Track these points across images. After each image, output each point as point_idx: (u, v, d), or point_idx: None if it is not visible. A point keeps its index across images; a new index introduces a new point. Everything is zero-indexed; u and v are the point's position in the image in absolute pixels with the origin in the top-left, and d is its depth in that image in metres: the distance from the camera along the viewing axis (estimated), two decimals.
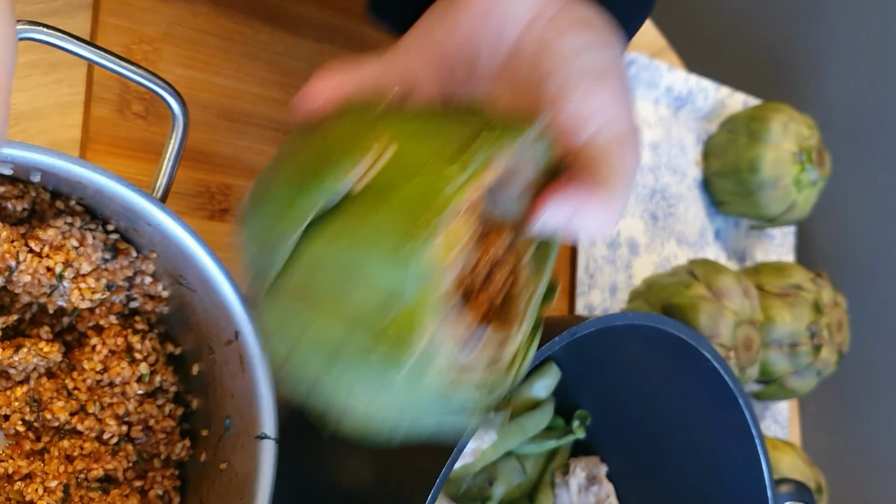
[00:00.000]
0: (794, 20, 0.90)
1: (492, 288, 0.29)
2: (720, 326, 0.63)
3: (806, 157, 0.74)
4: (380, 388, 0.27)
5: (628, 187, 0.32)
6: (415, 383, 0.26)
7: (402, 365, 0.26)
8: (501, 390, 0.29)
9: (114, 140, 0.44)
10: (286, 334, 0.28)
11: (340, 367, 0.27)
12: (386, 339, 0.25)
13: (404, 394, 0.27)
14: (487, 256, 0.28)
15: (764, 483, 0.47)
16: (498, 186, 0.29)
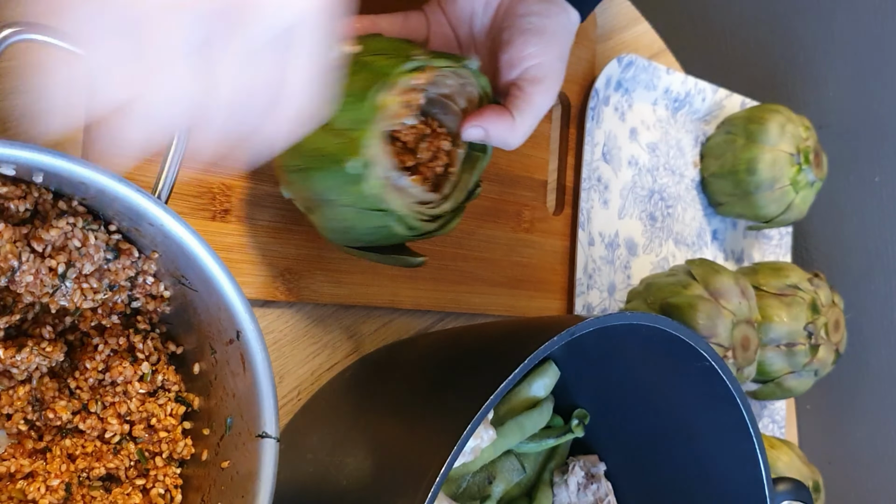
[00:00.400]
0: (791, 23, 0.90)
1: (431, 164, 0.45)
2: (718, 326, 0.64)
3: (803, 159, 0.74)
4: (340, 185, 0.41)
5: (535, 117, 0.46)
6: (360, 182, 0.41)
7: (353, 163, 0.40)
8: (427, 227, 0.44)
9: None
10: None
11: (317, 168, 0.41)
12: (345, 148, 0.40)
13: (355, 190, 0.41)
14: (433, 146, 0.45)
15: (762, 482, 0.47)
16: (445, 100, 0.45)
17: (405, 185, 0.43)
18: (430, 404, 0.42)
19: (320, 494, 0.42)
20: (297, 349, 0.53)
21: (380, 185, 0.41)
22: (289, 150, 0.42)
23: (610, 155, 0.71)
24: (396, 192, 0.42)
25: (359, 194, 0.41)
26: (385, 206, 0.42)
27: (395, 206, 0.42)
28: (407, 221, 0.43)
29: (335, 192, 0.42)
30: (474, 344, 0.48)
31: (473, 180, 0.47)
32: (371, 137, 0.41)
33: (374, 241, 0.44)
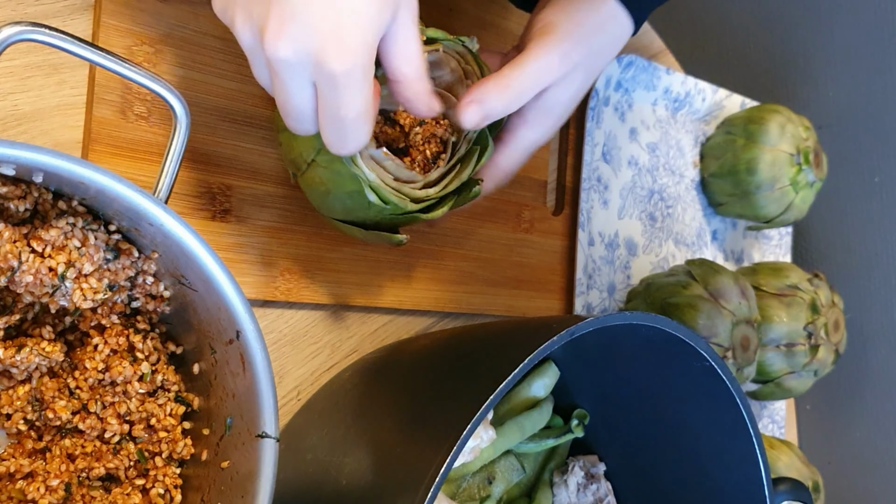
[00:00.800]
0: (791, 23, 0.90)
1: (422, 148, 0.46)
2: (718, 326, 0.64)
3: (803, 159, 0.74)
4: (319, 143, 0.42)
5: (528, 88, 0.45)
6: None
7: None
8: (406, 206, 0.45)
9: (116, 141, 0.44)
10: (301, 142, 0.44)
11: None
12: None
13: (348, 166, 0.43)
14: (427, 131, 0.46)
15: (761, 482, 0.47)
16: (447, 93, 0.46)
17: (378, 157, 0.44)
18: (429, 404, 0.42)
19: (320, 494, 0.42)
20: (296, 349, 0.53)
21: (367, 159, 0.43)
22: None
23: (610, 155, 0.71)
24: (371, 161, 0.43)
25: (334, 156, 0.42)
26: (357, 170, 0.42)
27: (367, 174, 0.43)
28: (380, 193, 0.44)
29: (315, 153, 0.43)
30: (474, 344, 0.48)
31: (468, 173, 0.47)
32: None
33: (352, 210, 0.45)
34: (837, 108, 0.87)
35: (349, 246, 0.53)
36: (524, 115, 0.48)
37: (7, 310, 0.39)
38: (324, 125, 0.38)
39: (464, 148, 0.47)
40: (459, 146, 0.47)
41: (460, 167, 0.47)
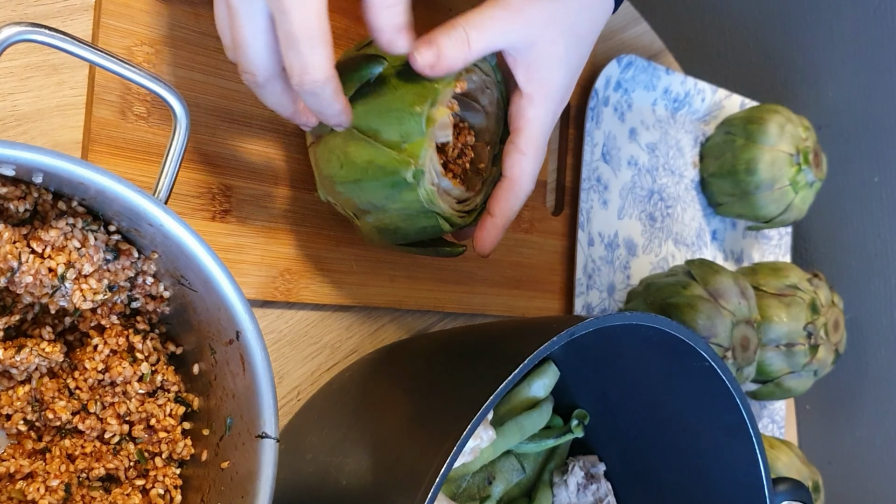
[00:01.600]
0: (790, 23, 0.90)
1: (461, 161, 0.47)
2: (717, 326, 0.64)
3: (802, 159, 0.74)
4: (392, 193, 0.44)
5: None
6: (414, 189, 0.43)
7: (409, 172, 0.43)
8: (465, 222, 0.47)
9: (116, 141, 0.44)
10: (333, 160, 0.45)
11: (370, 178, 0.44)
12: (401, 158, 0.43)
13: (407, 196, 0.44)
14: (458, 142, 0.47)
15: (761, 482, 0.47)
16: (467, 99, 0.47)
17: (448, 187, 0.46)
18: (429, 404, 0.42)
19: (320, 495, 0.42)
20: (296, 349, 0.53)
21: (432, 191, 0.44)
22: (335, 162, 0.45)
23: (609, 155, 0.71)
24: (443, 196, 0.45)
25: (412, 200, 0.44)
26: (435, 209, 0.44)
27: (442, 209, 0.45)
28: (451, 220, 0.46)
29: (387, 200, 0.44)
30: (474, 344, 0.48)
31: (497, 172, 0.49)
32: (426, 148, 0.43)
33: (419, 237, 0.47)
34: (837, 108, 0.87)
35: (349, 246, 0.53)
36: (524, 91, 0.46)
37: (7, 310, 0.39)
38: (284, 52, 0.38)
39: (497, 150, 0.48)
40: (492, 150, 0.48)
41: (494, 168, 0.49)
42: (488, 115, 0.48)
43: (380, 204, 0.44)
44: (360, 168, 0.44)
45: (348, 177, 0.44)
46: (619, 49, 0.73)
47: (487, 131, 0.48)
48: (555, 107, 0.47)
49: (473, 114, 0.48)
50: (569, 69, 0.46)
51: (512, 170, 0.46)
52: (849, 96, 0.87)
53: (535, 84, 0.46)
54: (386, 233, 0.46)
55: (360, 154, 0.43)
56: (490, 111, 0.48)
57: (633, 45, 0.75)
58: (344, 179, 0.45)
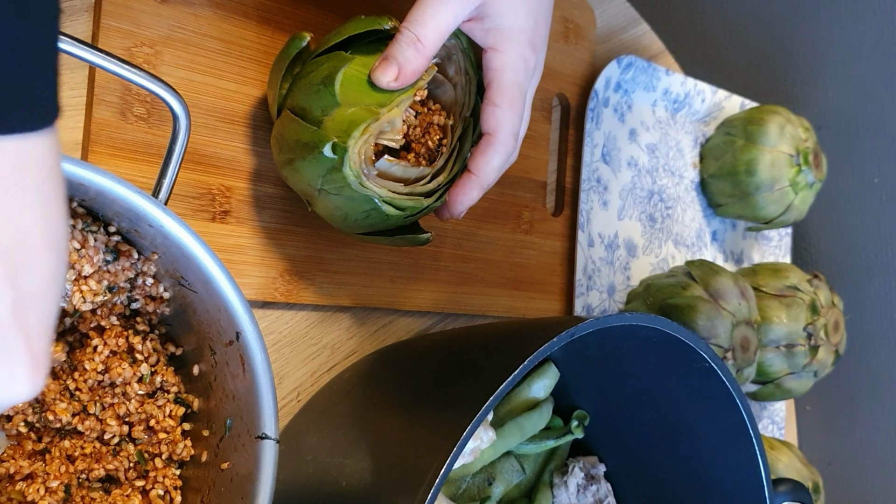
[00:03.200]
0: (790, 24, 0.90)
1: (424, 139, 0.46)
2: (717, 327, 0.64)
3: (802, 160, 0.74)
4: (322, 172, 0.43)
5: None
6: (340, 169, 0.42)
7: (327, 147, 0.42)
8: (420, 204, 0.45)
9: (115, 142, 0.44)
10: (274, 143, 0.45)
11: (299, 158, 0.43)
12: (319, 133, 0.42)
13: (338, 177, 0.42)
14: (424, 121, 0.46)
15: (761, 483, 0.47)
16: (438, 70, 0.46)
17: (384, 167, 0.44)
18: (429, 405, 0.42)
19: (320, 495, 0.42)
20: (296, 350, 0.53)
21: (358, 172, 0.42)
22: (276, 144, 0.45)
23: (609, 156, 0.71)
24: (376, 178, 0.43)
25: (342, 182, 0.42)
26: (367, 192, 0.43)
27: (376, 192, 0.43)
28: (395, 203, 0.44)
29: (321, 181, 0.43)
30: (474, 345, 0.48)
31: (468, 146, 0.47)
32: (351, 125, 0.42)
33: (374, 224, 0.45)
34: (837, 108, 0.87)
35: (349, 247, 0.53)
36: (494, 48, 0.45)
37: None
38: None
39: (460, 126, 0.47)
40: (456, 126, 0.47)
41: (460, 145, 0.47)
42: (456, 85, 0.47)
43: (318, 185, 0.43)
44: (290, 147, 0.44)
45: (284, 157, 0.44)
46: (619, 50, 0.73)
47: (458, 104, 0.47)
48: (522, 51, 0.45)
49: (442, 89, 0.47)
50: (528, 10, 0.45)
51: (487, 123, 0.45)
52: (849, 97, 0.87)
53: (494, 34, 0.44)
54: (339, 220, 0.45)
55: (290, 133, 0.43)
56: (458, 81, 0.47)
57: (632, 46, 0.75)
58: (281, 161, 0.45)
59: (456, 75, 0.47)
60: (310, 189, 0.44)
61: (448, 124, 0.46)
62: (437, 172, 0.46)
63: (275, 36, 0.50)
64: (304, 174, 0.43)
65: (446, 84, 0.47)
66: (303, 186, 0.44)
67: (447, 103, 0.47)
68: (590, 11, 0.69)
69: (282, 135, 0.44)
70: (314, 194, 0.44)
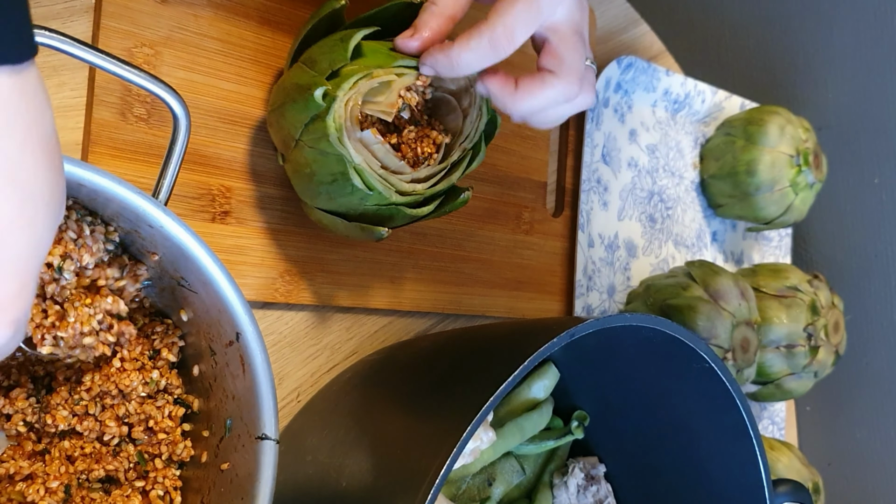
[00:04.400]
0: (790, 25, 0.90)
1: (414, 146, 0.46)
2: (717, 328, 0.64)
3: (802, 160, 0.74)
4: (305, 118, 0.43)
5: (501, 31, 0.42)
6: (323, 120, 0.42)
7: (320, 91, 0.42)
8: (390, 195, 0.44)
9: (116, 143, 0.44)
10: (274, 91, 0.46)
11: (290, 101, 0.44)
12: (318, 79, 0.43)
13: (319, 127, 0.42)
14: (421, 132, 0.46)
15: (761, 483, 0.47)
16: (449, 96, 0.47)
17: (367, 138, 0.43)
18: (429, 406, 0.42)
19: (320, 496, 0.42)
20: (296, 351, 0.53)
21: (341, 126, 0.42)
22: (275, 91, 0.46)
23: (609, 156, 0.71)
24: (358, 143, 0.43)
25: (321, 132, 0.42)
26: (343, 150, 0.42)
27: (352, 155, 0.42)
28: (364, 177, 0.43)
29: (302, 130, 0.43)
30: (474, 345, 0.48)
31: (457, 176, 0.47)
32: (349, 82, 0.42)
33: (335, 195, 0.44)
34: (837, 109, 0.87)
35: (349, 248, 0.53)
36: None
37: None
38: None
39: (457, 154, 0.47)
40: (453, 151, 0.47)
41: (451, 169, 0.47)
42: (466, 117, 0.47)
43: (297, 135, 0.43)
44: (286, 91, 0.44)
45: (277, 102, 0.45)
46: (619, 50, 0.74)
47: (462, 133, 0.47)
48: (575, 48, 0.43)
49: (451, 116, 0.47)
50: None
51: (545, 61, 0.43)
52: (849, 98, 0.87)
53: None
54: (304, 178, 0.44)
55: (291, 78, 0.44)
56: (469, 112, 0.47)
57: (633, 47, 0.75)
58: (273, 106, 0.45)
59: (469, 107, 0.47)
60: (289, 138, 0.44)
61: (444, 142, 0.46)
62: (416, 179, 0.45)
63: (275, 37, 0.50)
64: (289, 119, 0.44)
65: (457, 112, 0.47)
66: (283, 134, 0.44)
67: (452, 129, 0.47)
68: (590, 12, 0.69)
69: (284, 82, 0.45)
70: (291, 145, 0.44)
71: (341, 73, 0.43)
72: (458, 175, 0.47)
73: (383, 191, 0.43)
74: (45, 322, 0.36)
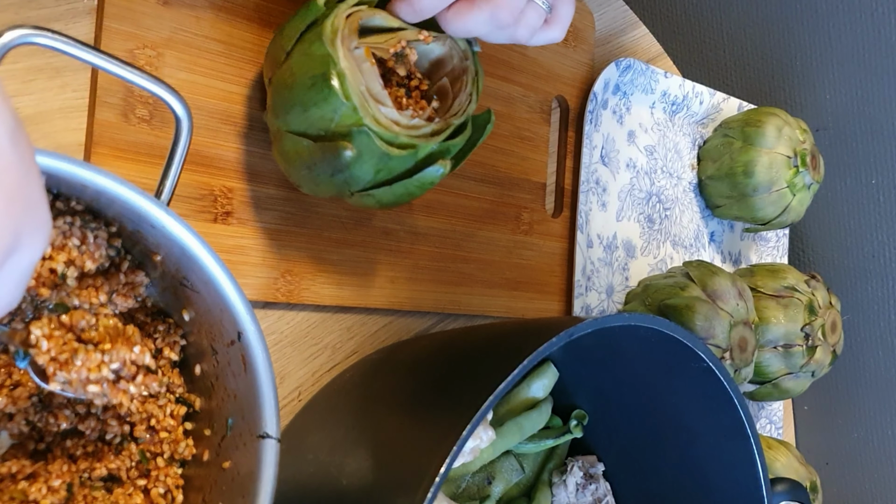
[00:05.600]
0: (788, 26, 0.91)
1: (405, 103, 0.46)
2: (715, 328, 0.64)
3: (800, 161, 0.74)
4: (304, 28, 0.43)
5: None
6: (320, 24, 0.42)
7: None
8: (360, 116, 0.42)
9: (118, 144, 0.44)
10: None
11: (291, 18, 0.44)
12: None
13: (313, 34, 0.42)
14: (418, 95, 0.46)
15: (759, 482, 0.47)
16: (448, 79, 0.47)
17: (359, 54, 0.42)
18: (429, 405, 0.42)
19: (320, 494, 0.42)
20: (297, 350, 0.53)
21: (338, 27, 0.42)
22: (280, 27, 0.45)
23: (608, 158, 0.71)
24: (350, 55, 0.42)
25: (317, 37, 0.42)
26: (332, 50, 0.41)
27: (339, 57, 0.41)
28: (344, 84, 0.41)
29: (297, 39, 0.43)
30: (473, 345, 0.48)
31: (437, 141, 0.45)
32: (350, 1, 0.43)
33: (308, 105, 0.42)
34: (834, 110, 0.88)
35: (350, 248, 0.53)
36: None
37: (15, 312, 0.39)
38: None
39: (441, 124, 0.45)
40: (438, 119, 0.45)
41: (432, 135, 0.45)
42: (457, 98, 0.47)
43: (288, 47, 0.43)
44: (291, 16, 0.44)
45: (279, 29, 0.45)
46: (617, 52, 0.74)
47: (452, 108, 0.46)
48: None
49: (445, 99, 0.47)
50: None
51: None
52: (846, 99, 0.87)
53: None
54: (282, 91, 0.42)
55: (298, 10, 0.44)
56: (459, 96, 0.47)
57: (631, 49, 0.75)
58: (275, 34, 0.45)
59: (460, 90, 0.47)
60: (280, 53, 0.43)
61: (431, 106, 0.46)
62: (396, 121, 0.43)
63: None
64: (286, 33, 0.43)
65: (449, 95, 0.47)
66: (276, 52, 0.44)
67: (442, 107, 0.47)
68: (589, 14, 0.69)
69: (289, 17, 0.45)
70: (281, 59, 0.43)
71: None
72: (437, 140, 0.44)
73: (360, 107, 0.41)
74: (61, 357, 0.35)
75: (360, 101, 0.41)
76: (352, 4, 0.43)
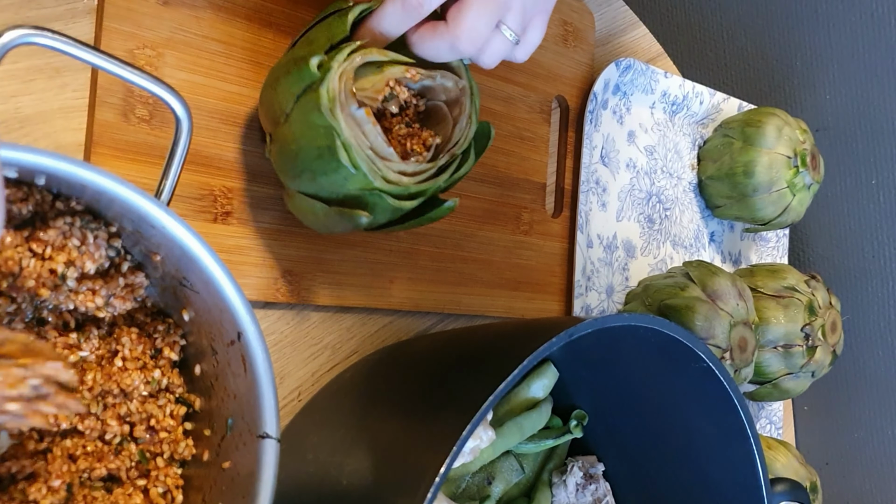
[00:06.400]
0: (788, 26, 0.91)
1: (404, 143, 0.45)
2: (715, 328, 0.64)
3: (800, 161, 0.74)
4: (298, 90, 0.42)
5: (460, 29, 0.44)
6: (316, 90, 0.42)
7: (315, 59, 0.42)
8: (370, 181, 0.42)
9: (118, 144, 0.44)
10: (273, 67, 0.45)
11: (284, 73, 0.43)
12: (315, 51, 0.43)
13: (311, 98, 0.42)
14: (413, 131, 0.46)
15: (759, 482, 0.47)
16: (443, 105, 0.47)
17: (360, 116, 0.42)
18: (429, 405, 0.42)
19: (321, 495, 0.42)
20: (297, 350, 0.53)
21: (334, 98, 0.41)
22: (272, 70, 0.45)
23: (608, 158, 0.71)
24: (350, 119, 0.42)
25: (314, 104, 0.41)
26: (334, 122, 0.41)
27: (342, 128, 0.41)
28: (352, 153, 0.41)
29: (294, 103, 0.42)
30: (473, 345, 0.48)
31: (444, 179, 0.46)
32: (345, 57, 0.42)
33: (318, 174, 0.42)
34: (834, 110, 0.88)
35: (350, 248, 0.53)
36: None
37: (17, 312, 0.39)
38: None
39: (445, 158, 0.46)
40: (442, 154, 0.46)
41: (438, 172, 0.46)
42: (456, 124, 0.46)
43: (289, 108, 0.42)
44: (282, 65, 0.44)
45: (271, 78, 0.44)
46: (617, 52, 0.74)
47: (451, 139, 0.46)
48: None
49: (442, 125, 0.47)
50: None
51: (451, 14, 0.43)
52: (846, 99, 0.87)
53: None
54: (289, 155, 0.43)
55: (289, 54, 0.44)
56: (459, 121, 0.46)
57: (631, 49, 0.75)
58: (268, 83, 0.44)
59: (459, 115, 0.46)
60: (279, 113, 0.43)
61: (434, 142, 0.46)
62: (404, 172, 0.44)
63: (276, 39, 0.50)
64: (281, 92, 0.43)
65: (448, 120, 0.47)
66: (274, 110, 0.43)
67: (442, 136, 0.46)
68: (589, 14, 0.70)
69: (280, 60, 0.45)
70: (280, 120, 0.43)
71: (340, 48, 0.43)
72: (444, 178, 0.45)
73: (368, 172, 0.42)
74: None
75: (368, 166, 0.42)
76: (342, 60, 0.42)
